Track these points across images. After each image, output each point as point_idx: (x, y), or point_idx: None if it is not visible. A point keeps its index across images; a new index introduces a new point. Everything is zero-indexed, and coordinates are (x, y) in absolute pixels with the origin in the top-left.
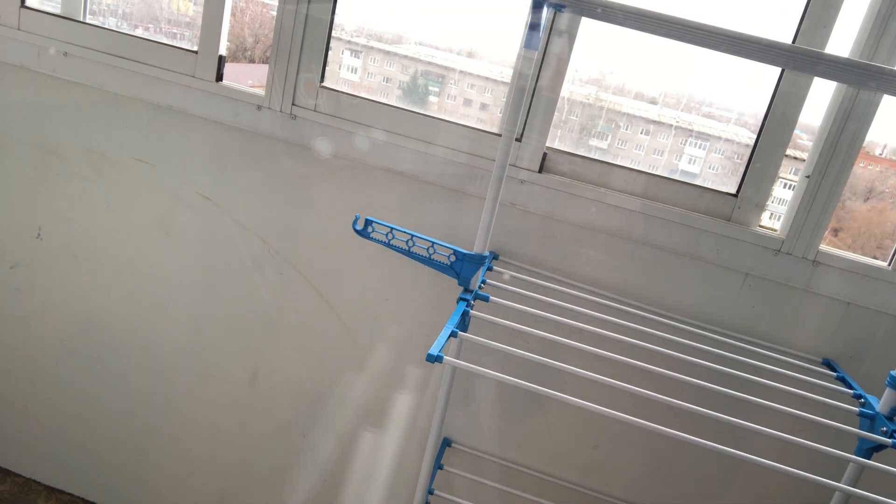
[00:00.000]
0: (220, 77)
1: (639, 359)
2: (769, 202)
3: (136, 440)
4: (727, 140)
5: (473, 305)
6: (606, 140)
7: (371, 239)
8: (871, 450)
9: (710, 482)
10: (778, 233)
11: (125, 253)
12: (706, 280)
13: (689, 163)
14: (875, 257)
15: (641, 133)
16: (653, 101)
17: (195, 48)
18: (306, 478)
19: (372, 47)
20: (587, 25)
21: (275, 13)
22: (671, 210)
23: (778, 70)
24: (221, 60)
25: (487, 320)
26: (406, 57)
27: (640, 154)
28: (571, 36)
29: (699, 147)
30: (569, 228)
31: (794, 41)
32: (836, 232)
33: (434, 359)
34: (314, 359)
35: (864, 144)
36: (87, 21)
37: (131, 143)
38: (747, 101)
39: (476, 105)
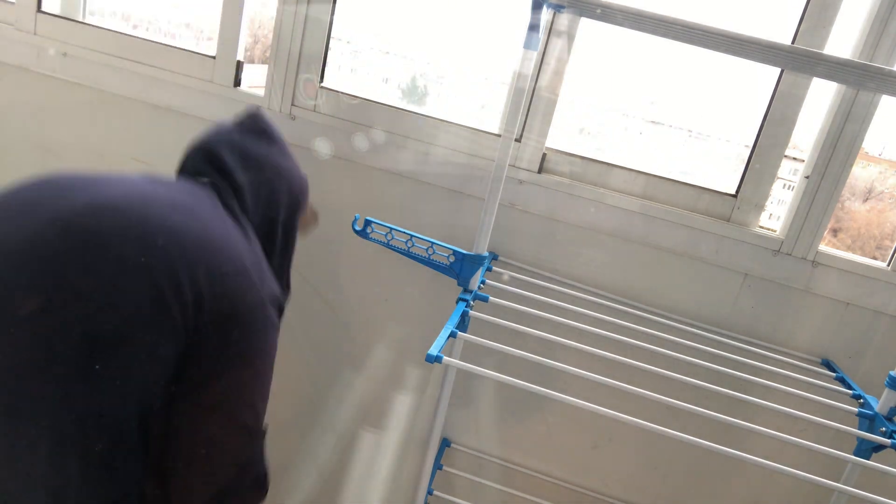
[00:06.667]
0: (237, 83)
1: (638, 359)
2: (768, 202)
3: None
4: (726, 140)
5: (473, 306)
6: (606, 140)
7: (370, 239)
8: (870, 450)
9: (710, 482)
10: (777, 233)
11: None
12: (705, 280)
13: (689, 163)
14: (874, 258)
15: (640, 133)
16: (651, 102)
17: (195, 48)
18: (306, 478)
19: (371, 48)
20: (587, 26)
21: (274, 14)
22: (670, 210)
23: (777, 70)
24: (239, 66)
25: (487, 321)
26: (405, 57)
27: (640, 154)
28: (571, 36)
29: (698, 147)
30: (568, 229)
31: (793, 42)
32: (835, 232)
33: (434, 359)
34: (314, 359)
35: (863, 145)
36: (88, 22)
37: (130, 143)
38: (746, 102)
39: (476, 105)
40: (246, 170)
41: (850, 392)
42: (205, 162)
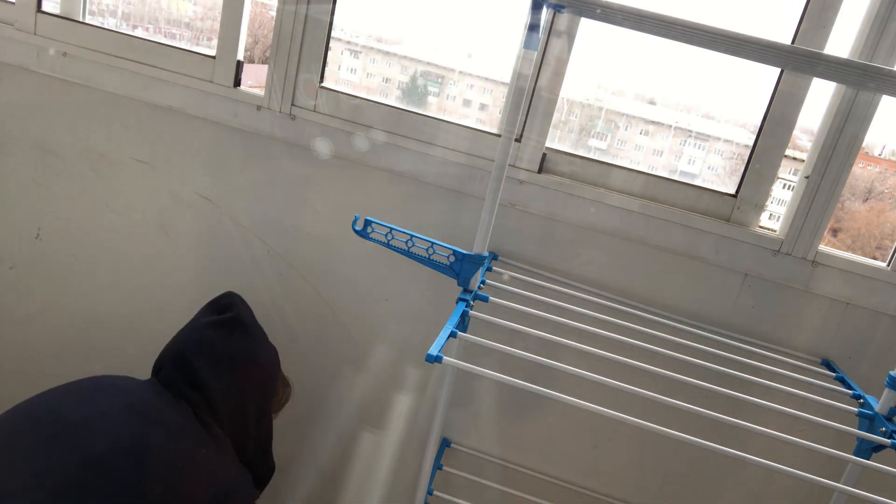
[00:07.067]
0: (237, 83)
1: (638, 359)
2: (768, 203)
3: None
4: (726, 140)
5: (473, 306)
6: (605, 140)
7: (370, 239)
8: (870, 450)
9: (710, 482)
10: (777, 233)
11: (125, 253)
12: (705, 280)
13: (689, 163)
14: (874, 258)
15: (640, 133)
16: (651, 102)
17: (193, 48)
18: (306, 478)
19: (371, 48)
20: (587, 26)
21: (274, 14)
22: (670, 210)
23: (777, 71)
24: (239, 66)
25: (487, 321)
26: (405, 57)
27: (640, 154)
28: (571, 36)
29: (698, 147)
30: (568, 229)
31: (793, 42)
32: (835, 232)
33: (434, 359)
34: (314, 359)
35: (864, 145)
36: (88, 22)
37: (130, 143)
38: (746, 102)
39: (476, 105)
40: (217, 375)
41: (850, 392)
42: (179, 374)
